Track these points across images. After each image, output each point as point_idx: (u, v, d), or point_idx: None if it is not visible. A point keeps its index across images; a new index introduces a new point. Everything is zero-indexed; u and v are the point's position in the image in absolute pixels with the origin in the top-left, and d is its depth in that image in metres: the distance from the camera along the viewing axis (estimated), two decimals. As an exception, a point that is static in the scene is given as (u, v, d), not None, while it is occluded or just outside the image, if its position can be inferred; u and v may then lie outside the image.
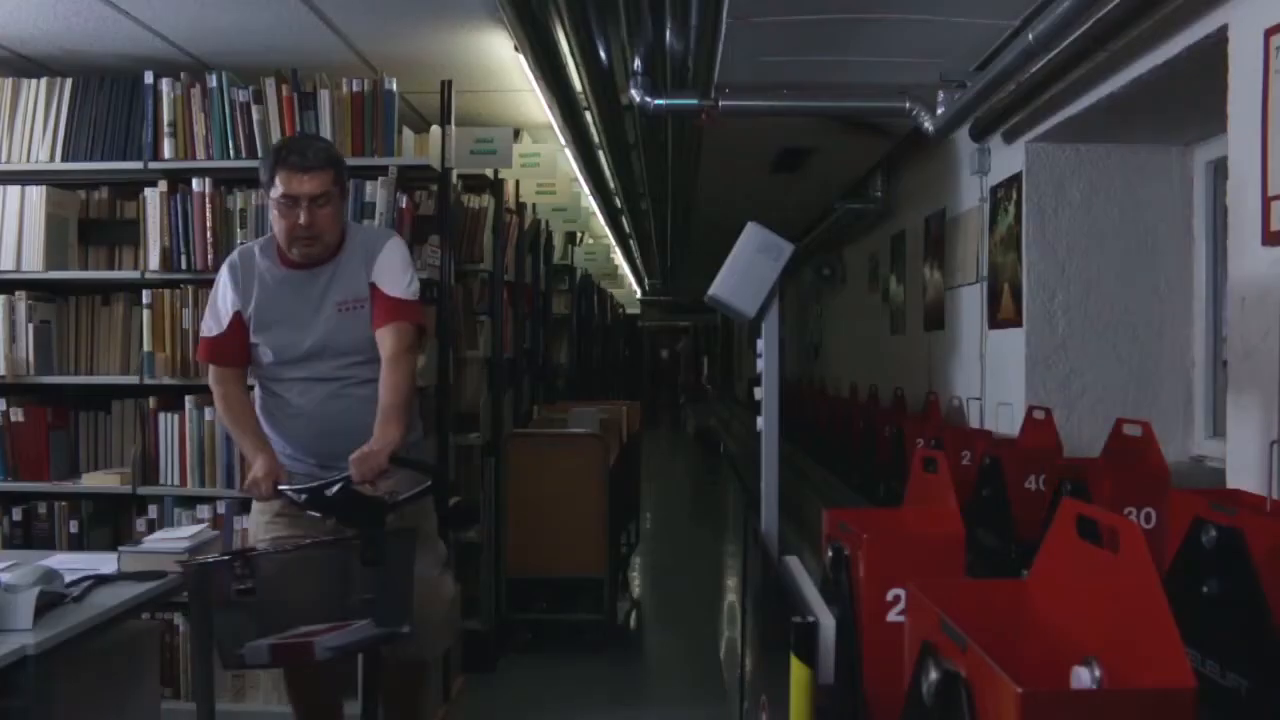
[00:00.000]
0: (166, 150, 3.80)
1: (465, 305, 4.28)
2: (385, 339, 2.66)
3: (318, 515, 2.55)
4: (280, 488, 2.51)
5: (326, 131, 3.74)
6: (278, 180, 2.61)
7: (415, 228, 3.78)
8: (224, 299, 2.73)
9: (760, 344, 2.32)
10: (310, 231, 2.62)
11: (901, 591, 1.64)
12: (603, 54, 3.75)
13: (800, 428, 7.16)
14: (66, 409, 3.93)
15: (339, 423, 2.67)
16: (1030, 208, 3.52)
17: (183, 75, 3.83)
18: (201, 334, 2.80)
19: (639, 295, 17.51)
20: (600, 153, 5.53)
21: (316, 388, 2.71)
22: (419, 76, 4.11)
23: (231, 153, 3.79)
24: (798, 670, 1.63)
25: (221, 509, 3.74)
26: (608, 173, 6.12)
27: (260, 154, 3.76)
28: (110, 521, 3.92)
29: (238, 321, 2.71)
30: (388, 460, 2.46)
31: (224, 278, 2.76)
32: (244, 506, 3.76)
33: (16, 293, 3.79)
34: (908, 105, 3.70)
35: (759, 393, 2.36)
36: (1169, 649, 0.96)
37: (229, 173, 3.83)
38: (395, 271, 2.74)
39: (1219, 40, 2.33)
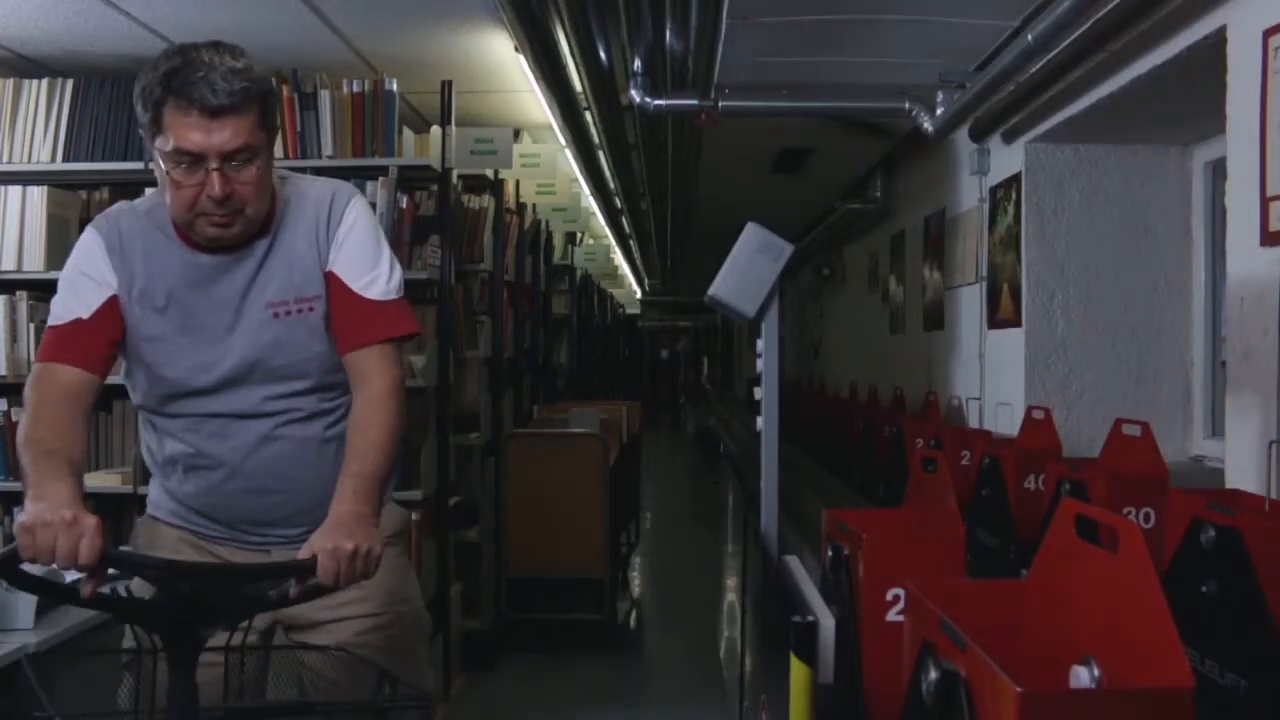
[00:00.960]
0: (167, 150, 3.79)
1: (465, 305, 4.28)
2: (362, 367, 1.72)
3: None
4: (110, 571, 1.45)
5: (327, 132, 3.74)
6: (166, 123, 1.58)
7: (415, 228, 3.79)
8: (93, 271, 1.72)
9: (760, 344, 2.33)
10: (226, 206, 1.62)
11: (901, 591, 1.64)
12: (603, 54, 3.75)
13: (800, 428, 7.17)
14: (67, 409, 3.93)
15: (273, 478, 1.75)
16: (1029, 208, 3.53)
17: (183, 75, 3.83)
18: (49, 322, 1.72)
19: (639, 295, 17.52)
20: (600, 153, 5.53)
21: (238, 428, 1.75)
22: (419, 76, 4.11)
23: (232, 153, 3.78)
24: (798, 670, 1.64)
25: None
26: (608, 173, 6.13)
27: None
28: (111, 521, 3.92)
29: (111, 308, 1.71)
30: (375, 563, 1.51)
31: (92, 244, 1.74)
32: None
33: (17, 293, 3.79)
34: (907, 105, 3.70)
35: (759, 393, 2.36)
36: (1168, 648, 0.96)
37: (229, 173, 3.83)
38: (366, 252, 1.77)
39: (1218, 41, 2.34)
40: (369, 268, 1.75)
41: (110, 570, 1.42)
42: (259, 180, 1.65)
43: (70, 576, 1.46)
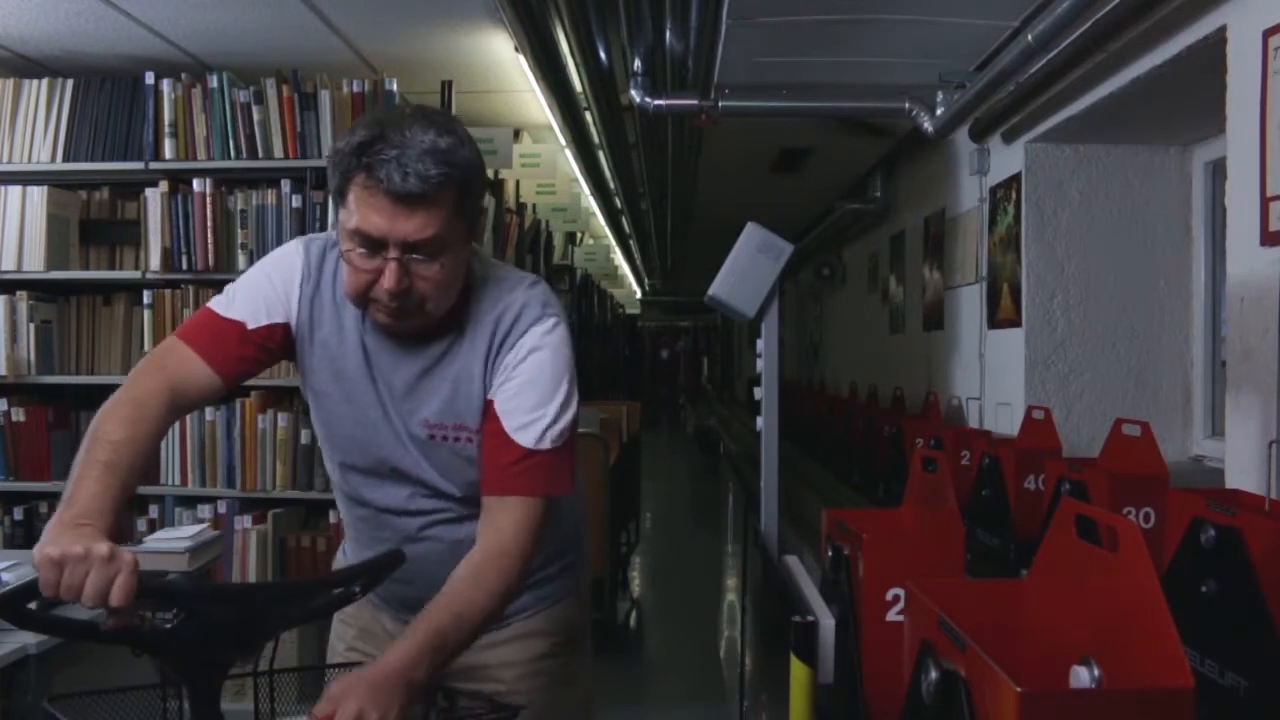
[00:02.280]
0: (167, 150, 3.80)
1: (465, 305, 4.28)
2: (495, 514, 1.46)
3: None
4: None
5: (327, 132, 3.74)
6: (351, 198, 1.38)
7: (415, 228, 3.79)
8: (282, 288, 1.51)
9: (760, 344, 2.33)
10: (402, 300, 1.40)
11: (901, 591, 1.64)
12: (603, 54, 3.76)
13: (800, 428, 7.17)
14: (68, 409, 3.93)
15: (419, 576, 1.52)
16: (1029, 208, 3.53)
17: (183, 75, 3.83)
18: (210, 303, 1.50)
19: (639, 295, 17.53)
20: (600, 153, 5.53)
21: (387, 520, 1.60)
22: (419, 76, 4.12)
23: (232, 153, 3.79)
24: (798, 670, 1.64)
25: (222, 509, 3.75)
26: (608, 173, 6.13)
27: (260, 154, 3.76)
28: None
29: (276, 333, 1.51)
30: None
31: (294, 264, 1.53)
32: (245, 506, 3.77)
33: (18, 293, 3.79)
34: (907, 105, 3.70)
35: (759, 393, 2.36)
36: (1168, 648, 0.96)
37: (230, 173, 3.83)
38: (536, 389, 1.49)
39: (1218, 41, 2.34)
40: (533, 407, 1.48)
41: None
42: (443, 278, 1.41)
43: (85, 614, 1.38)
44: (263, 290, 1.51)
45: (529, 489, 1.47)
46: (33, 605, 1.31)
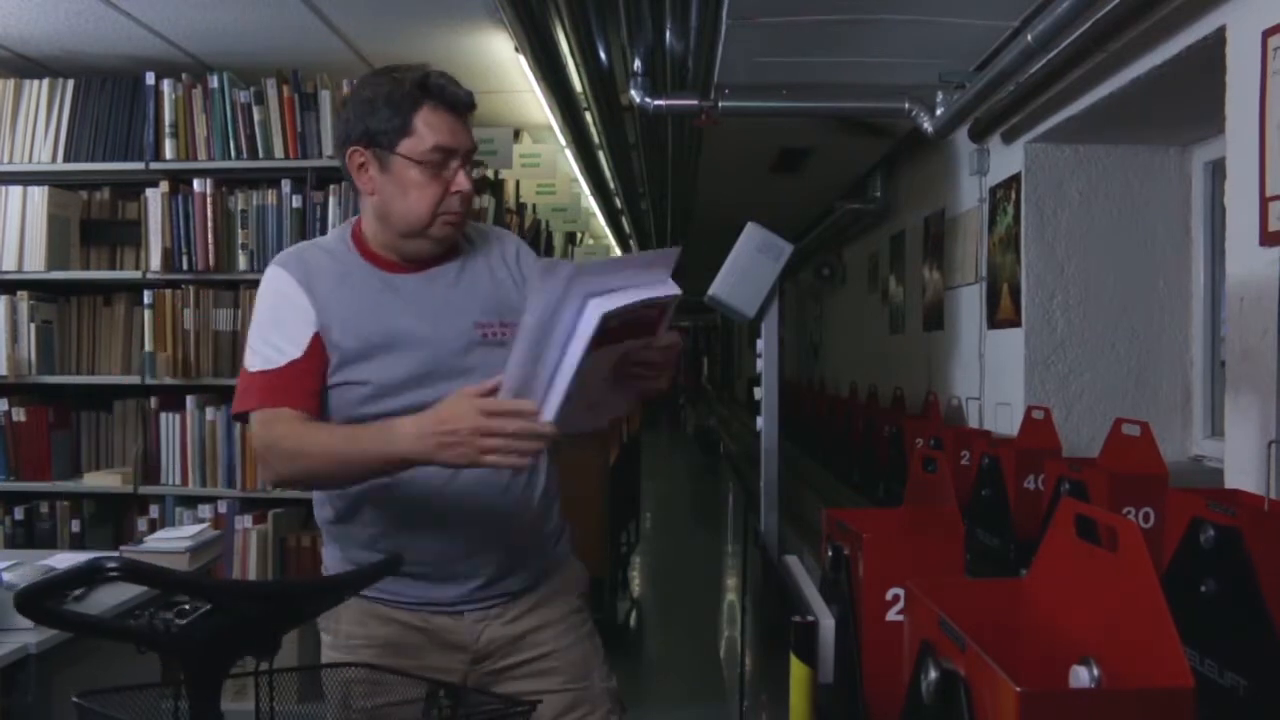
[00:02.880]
0: (168, 151, 3.80)
1: (465, 305, 4.28)
2: None
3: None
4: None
5: (327, 132, 3.75)
6: (420, 122, 1.63)
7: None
8: (296, 307, 1.66)
9: (760, 344, 2.33)
10: (467, 206, 1.69)
11: (901, 591, 1.64)
12: (603, 54, 3.76)
13: (800, 428, 7.17)
14: (68, 409, 3.93)
15: (477, 504, 1.66)
16: (1029, 208, 3.53)
17: (184, 76, 3.83)
18: (249, 368, 1.64)
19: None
20: (600, 153, 5.53)
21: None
22: (419, 77, 4.11)
23: (233, 153, 3.79)
24: (798, 670, 1.64)
25: (223, 509, 3.75)
26: (608, 173, 6.13)
27: (260, 154, 3.77)
28: (112, 521, 3.92)
29: (318, 345, 1.65)
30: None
31: (284, 281, 1.69)
32: (245, 506, 3.77)
33: (18, 293, 3.80)
34: (907, 105, 3.70)
35: (759, 393, 2.36)
36: (1167, 648, 0.96)
37: (230, 173, 3.83)
38: None
39: (1217, 41, 2.34)
40: None
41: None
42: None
43: (95, 610, 1.40)
44: (283, 321, 1.65)
45: None
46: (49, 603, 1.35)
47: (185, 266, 3.78)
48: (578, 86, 4.12)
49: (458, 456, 1.41)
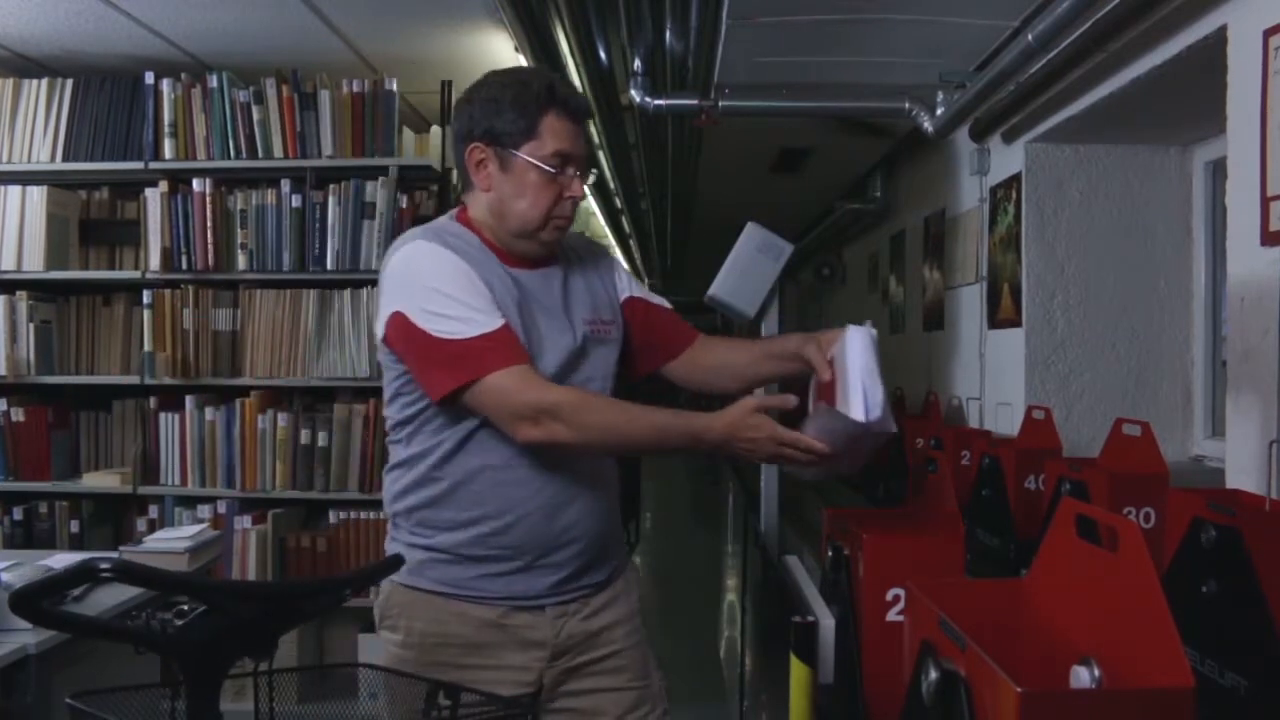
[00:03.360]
0: (167, 150, 3.80)
1: (465, 305, 4.28)
2: (716, 345, 1.94)
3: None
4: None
5: (327, 132, 3.75)
6: (544, 127, 1.69)
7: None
8: (476, 282, 1.66)
9: (760, 344, 2.33)
10: (574, 212, 1.77)
11: (901, 591, 1.64)
12: (603, 54, 3.75)
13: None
14: (67, 409, 3.93)
15: (580, 493, 1.73)
16: (1030, 208, 3.52)
17: (183, 75, 3.83)
18: (456, 335, 1.60)
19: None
20: (600, 153, 5.53)
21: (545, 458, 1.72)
22: (419, 76, 4.12)
23: (232, 153, 3.79)
24: (798, 670, 1.64)
25: (222, 509, 3.75)
26: (608, 173, 6.12)
27: (260, 154, 3.76)
28: (111, 521, 3.92)
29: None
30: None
31: (449, 259, 1.67)
32: (244, 506, 3.77)
33: (17, 293, 3.80)
34: (907, 105, 3.70)
35: (759, 393, 2.36)
36: (1168, 649, 0.96)
37: (230, 173, 3.84)
38: (643, 285, 1.97)
39: (1218, 41, 2.34)
40: (653, 293, 1.95)
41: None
42: None
43: (92, 611, 1.41)
44: (471, 289, 1.64)
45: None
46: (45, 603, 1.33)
47: (184, 266, 3.77)
48: (578, 86, 4.12)
49: (754, 458, 1.61)
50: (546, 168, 1.68)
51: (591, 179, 1.77)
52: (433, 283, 1.63)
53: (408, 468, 1.72)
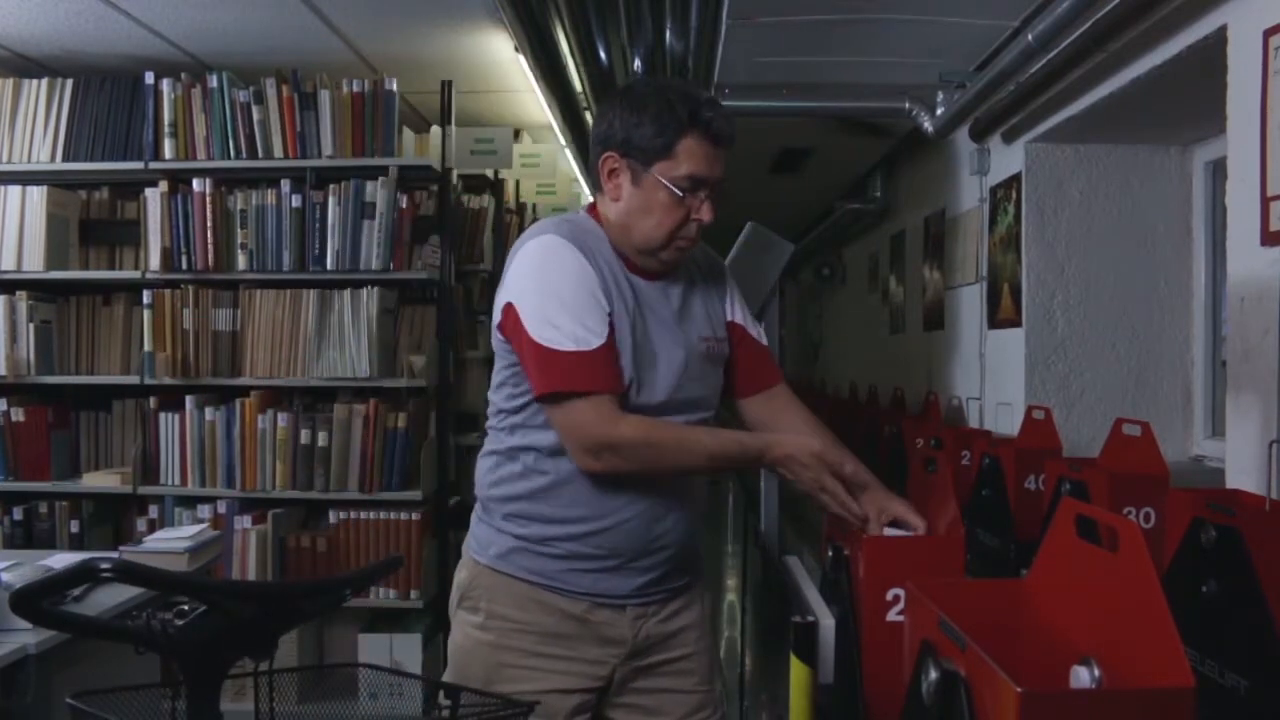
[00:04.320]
0: (167, 150, 3.80)
1: (465, 305, 4.28)
2: (781, 401, 1.90)
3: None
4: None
5: (327, 131, 3.75)
6: (682, 151, 1.67)
7: (415, 228, 3.79)
8: (592, 290, 1.66)
9: (760, 344, 2.32)
10: (699, 234, 1.74)
11: (901, 591, 1.64)
12: (603, 54, 3.75)
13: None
14: (67, 409, 3.93)
15: (676, 503, 1.75)
16: (1030, 208, 3.52)
17: (183, 75, 3.83)
18: (555, 346, 1.62)
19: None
20: (600, 153, 5.52)
21: None
22: (419, 76, 4.12)
23: (232, 153, 3.79)
24: (798, 670, 1.63)
25: (222, 509, 3.74)
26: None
27: (260, 154, 3.77)
28: (111, 521, 3.92)
29: (611, 330, 1.66)
30: None
31: (576, 260, 1.67)
32: (244, 506, 3.77)
33: (17, 293, 3.79)
34: (907, 105, 3.70)
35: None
36: (1168, 649, 0.96)
37: (230, 173, 3.83)
38: (749, 308, 1.94)
39: (1218, 41, 2.34)
40: (755, 321, 1.92)
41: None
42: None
43: (93, 611, 1.42)
44: (585, 298, 1.65)
45: (780, 374, 1.92)
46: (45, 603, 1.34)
47: (184, 266, 3.77)
48: (578, 86, 4.12)
49: (802, 476, 1.67)
50: (676, 190, 1.67)
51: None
52: (552, 285, 1.65)
53: (508, 457, 1.73)
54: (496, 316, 1.71)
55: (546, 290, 1.64)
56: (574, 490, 1.68)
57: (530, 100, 4.65)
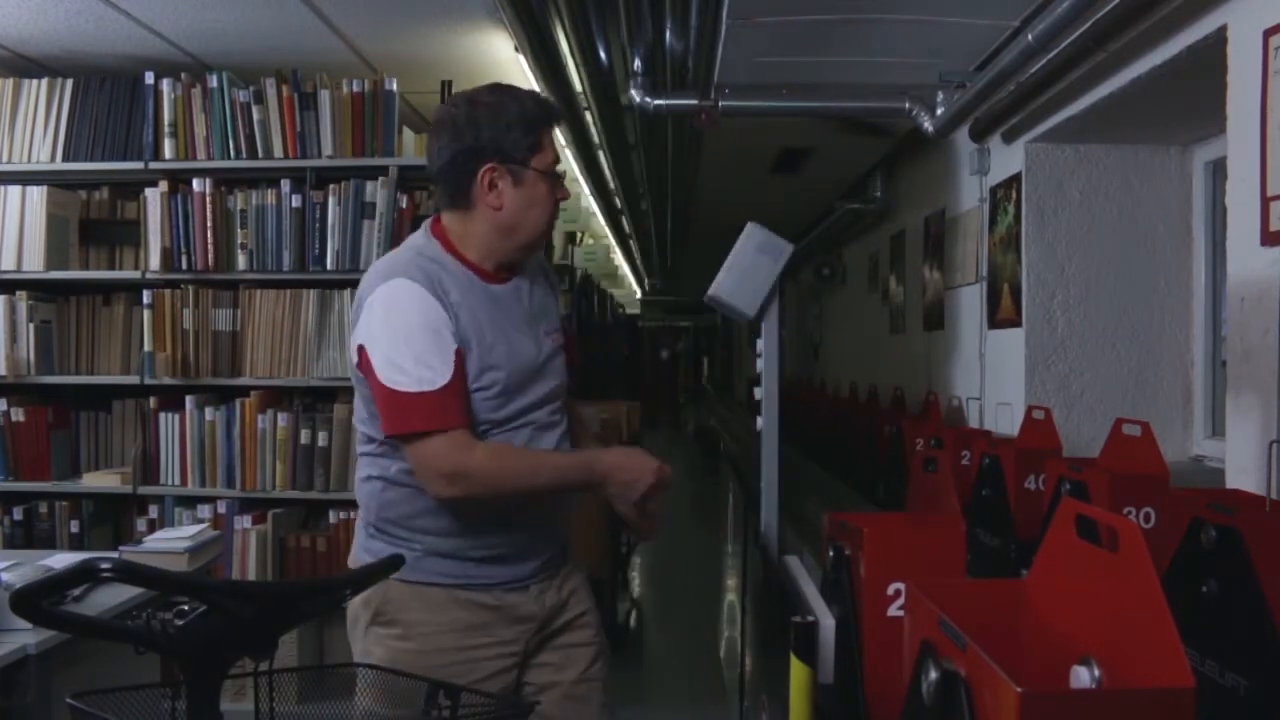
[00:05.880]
0: (167, 150, 3.80)
1: (465, 305, 4.28)
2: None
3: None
4: None
5: (327, 131, 3.75)
6: (547, 142, 1.87)
7: (415, 228, 3.78)
8: (436, 329, 1.76)
9: (760, 344, 2.33)
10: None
11: (902, 586, 1.64)
12: (603, 54, 3.76)
13: (800, 428, 7.16)
14: (67, 409, 3.93)
15: (556, 496, 1.92)
16: (1030, 208, 3.52)
17: (183, 75, 3.83)
18: (402, 389, 1.72)
19: (639, 295, 17.52)
20: (600, 153, 5.53)
21: (544, 437, 1.91)
22: (419, 76, 4.12)
23: (232, 153, 3.79)
24: (798, 670, 1.64)
25: (222, 509, 3.75)
26: (608, 173, 6.13)
27: (260, 154, 3.77)
28: (111, 521, 3.92)
29: (460, 363, 1.77)
30: None
31: (419, 298, 1.77)
32: (244, 506, 3.77)
33: (17, 293, 3.80)
34: (907, 105, 3.70)
35: (759, 393, 2.36)
36: (1168, 649, 0.96)
37: (229, 173, 3.84)
38: None
39: (1218, 41, 2.34)
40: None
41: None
42: None
43: (93, 611, 1.43)
44: (428, 339, 1.75)
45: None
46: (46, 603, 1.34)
47: (184, 266, 3.78)
48: (578, 86, 4.12)
49: (625, 491, 1.81)
50: (551, 176, 1.85)
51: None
52: (398, 329, 1.75)
53: (393, 482, 1.82)
54: (352, 357, 1.81)
55: (394, 335, 1.74)
56: (467, 503, 1.79)
57: (530, 100, 4.65)
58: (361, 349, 1.77)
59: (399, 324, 1.75)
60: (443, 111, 1.90)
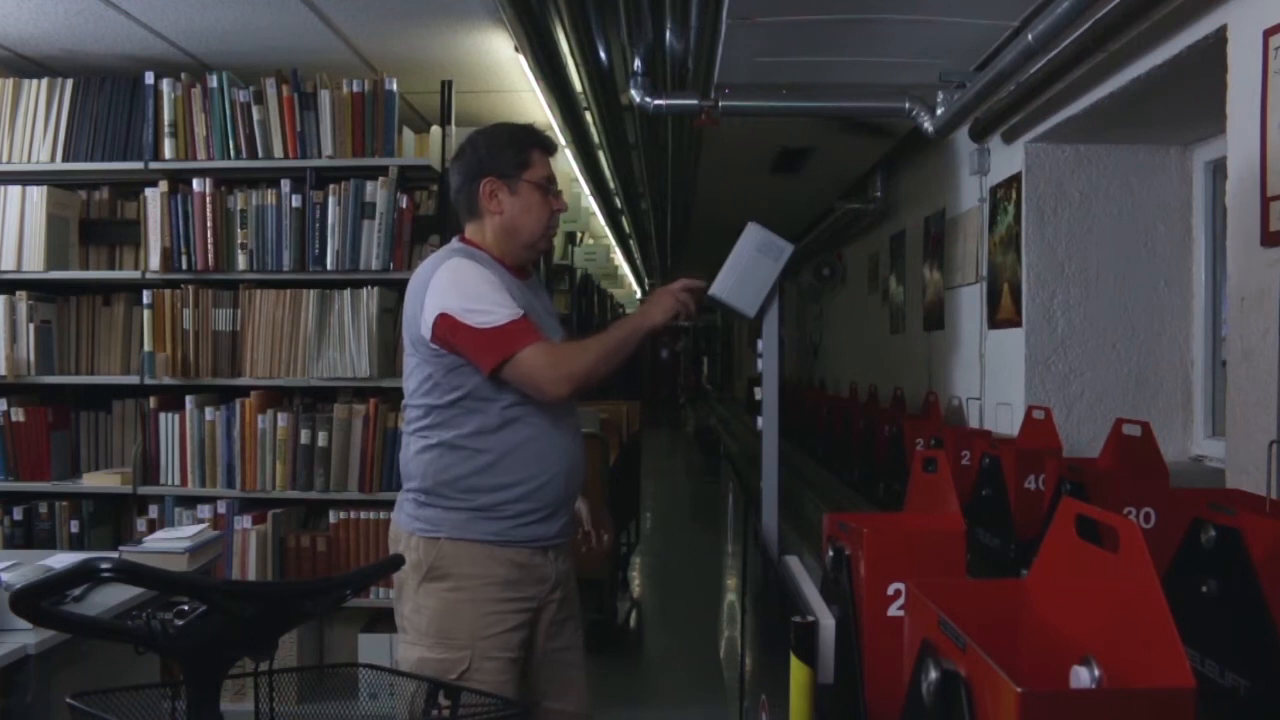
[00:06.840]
0: (167, 150, 3.80)
1: (465, 305, 4.28)
2: None
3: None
4: None
5: (327, 131, 3.75)
6: (535, 160, 2.22)
7: (415, 228, 3.79)
8: (502, 287, 2.10)
9: (760, 344, 2.32)
10: (558, 223, 2.32)
11: (901, 586, 1.64)
12: (603, 54, 3.75)
13: (800, 428, 7.16)
14: (67, 409, 3.93)
15: (581, 464, 2.25)
16: (1030, 208, 3.53)
17: (183, 75, 3.83)
18: (493, 323, 2.03)
19: (639, 295, 17.52)
20: (600, 153, 5.53)
21: (566, 417, 2.22)
22: (419, 76, 4.12)
23: (232, 153, 3.79)
24: (798, 670, 1.64)
25: (222, 509, 3.75)
26: (608, 173, 6.13)
27: (260, 154, 3.77)
28: (111, 521, 3.92)
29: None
30: None
31: (478, 269, 2.11)
32: (244, 506, 3.77)
33: (17, 293, 3.80)
34: (907, 105, 3.70)
35: (759, 393, 2.36)
36: (1168, 649, 0.96)
37: (229, 173, 3.84)
38: None
39: (1218, 41, 2.34)
40: None
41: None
42: None
43: (93, 611, 1.43)
44: (499, 290, 2.08)
45: None
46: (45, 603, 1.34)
47: (184, 266, 3.78)
48: (578, 86, 4.12)
49: (669, 307, 2.16)
50: (541, 187, 2.20)
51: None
52: (472, 286, 2.07)
53: (449, 447, 2.09)
54: (426, 331, 2.07)
55: (469, 292, 2.06)
56: (512, 459, 2.09)
57: (530, 100, 4.65)
58: (441, 317, 2.04)
59: (469, 283, 2.06)
60: (458, 150, 2.27)
